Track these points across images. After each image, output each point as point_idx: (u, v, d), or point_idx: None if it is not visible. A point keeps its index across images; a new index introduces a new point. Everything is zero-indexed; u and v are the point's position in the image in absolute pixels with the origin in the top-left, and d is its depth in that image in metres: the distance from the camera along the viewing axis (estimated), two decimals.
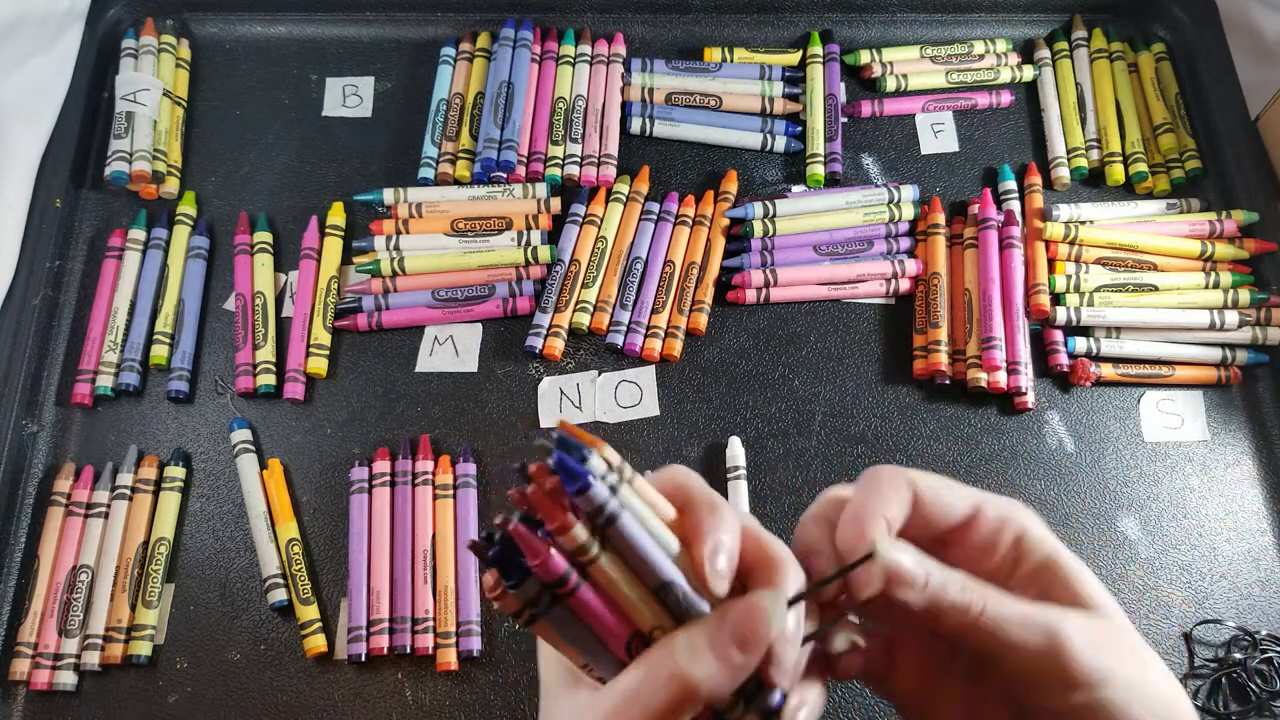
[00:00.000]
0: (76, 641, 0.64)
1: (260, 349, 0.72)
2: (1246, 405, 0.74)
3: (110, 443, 0.70)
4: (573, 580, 0.29)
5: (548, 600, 0.29)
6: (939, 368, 0.72)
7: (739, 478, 0.69)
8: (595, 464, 0.29)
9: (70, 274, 0.75)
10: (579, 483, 0.28)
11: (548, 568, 0.29)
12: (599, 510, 0.29)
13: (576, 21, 0.86)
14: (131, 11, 0.84)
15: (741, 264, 0.76)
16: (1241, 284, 0.75)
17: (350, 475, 0.68)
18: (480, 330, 0.74)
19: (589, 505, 0.29)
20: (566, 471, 0.28)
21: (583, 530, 0.29)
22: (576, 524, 0.29)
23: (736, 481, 0.69)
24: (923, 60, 0.84)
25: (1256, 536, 0.70)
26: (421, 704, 0.63)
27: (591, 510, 0.29)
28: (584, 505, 0.29)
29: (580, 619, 0.30)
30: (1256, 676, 0.64)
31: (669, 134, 0.82)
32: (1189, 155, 0.80)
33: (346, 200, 0.78)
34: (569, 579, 0.29)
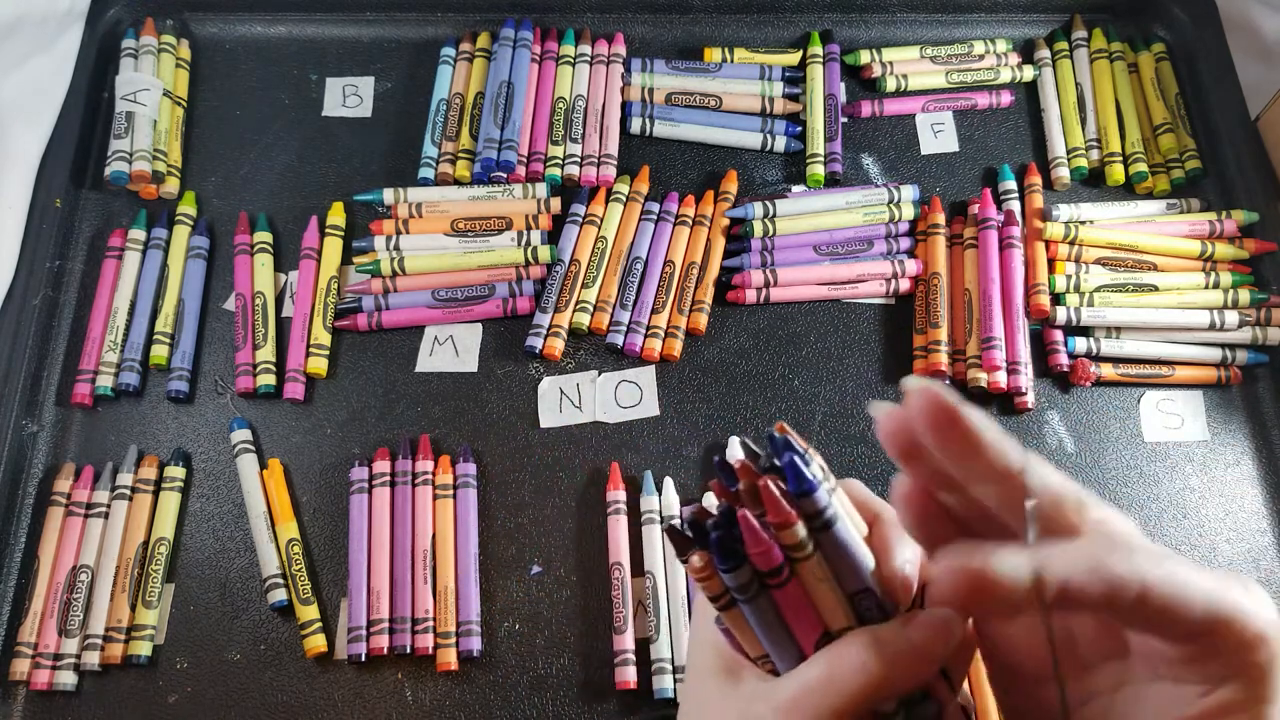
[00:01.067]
0: (76, 641, 0.64)
1: (260, 349, 0.72)
2: (1246, 405, 0.74)
3: (110, 443, 0.70)
4: (785, 574, 0.30)
5: (755, 589, 0.30)
6: (939, 368, 0.72)
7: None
8: (815, 470, 0.30)
9: (70, 274, 0.75)
10: (805, 485, 0.29)
11: (768, 557, 0.30)
12: (819, 514, 0.30)
13: (576, 21, 0.86)
14: (131, 11, 0.84)
15: (741, 264, 0.76)
16: (1241, 284, 0.75)
17: (350, 475, 0.68)
18: (480, 330, 0.74)
19: (811, 508, 0.30)
20: (796, 473, 0.29)
21: (802, 529, 0.30)
22: (798, 522, 0.30)
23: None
24: (923, 60, 0.84)
25: (1256, 536, 0.70)
26: (421, 704, 0.63)
27: (813, 513, 0.30)
28: (807, 508, 0.30)
29: (777, 612, 0.31)
30: None
31: (669, 134, 0.82)
32: (1189, 155, 0.80)
33: (346, 200, 0.78)
34: (782, 571, 0.30)
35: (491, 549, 0.67)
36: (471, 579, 0.66)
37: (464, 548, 0.66)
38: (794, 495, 0.30)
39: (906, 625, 0.30)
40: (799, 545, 0.30)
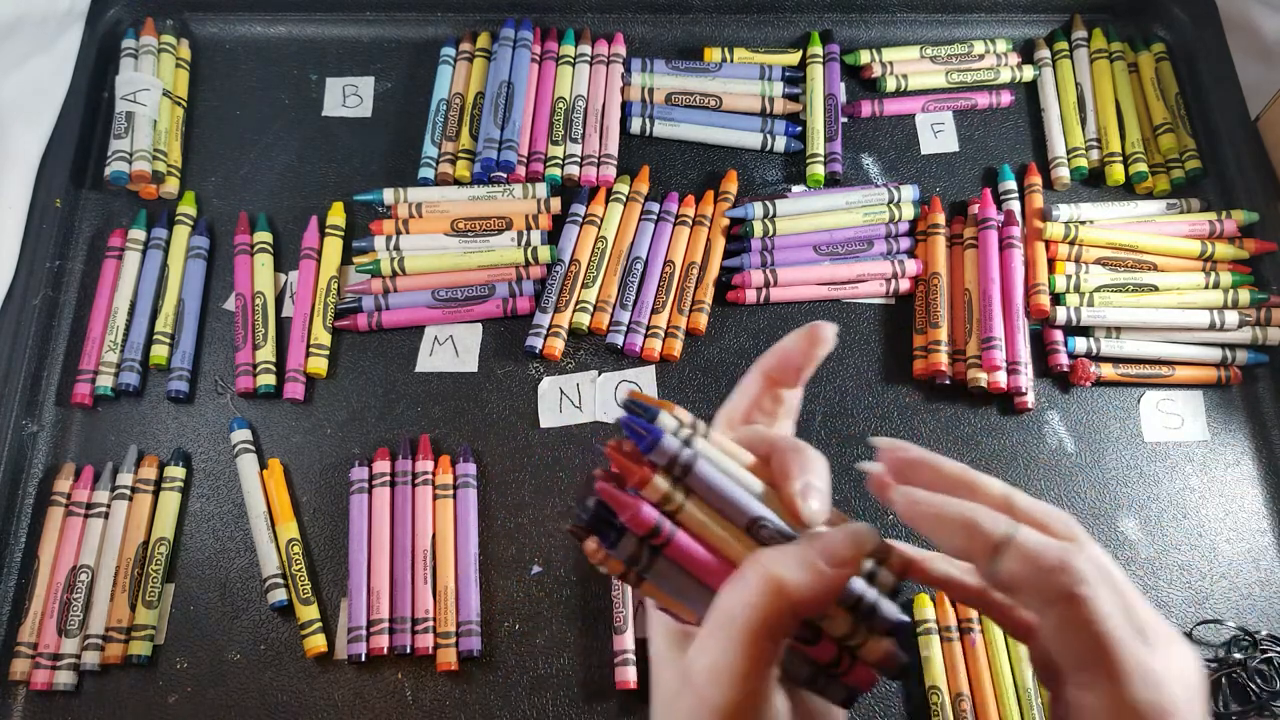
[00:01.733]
0: (76, 641, 0.64)
1: (260, 349, 0.72)
2: (1246, 405, 0.74)
3: (110, 443, 0.70)
4: (665, 528, 0.30)
5: (647, 554, 0.30)
6: (939, 368, 0.72)
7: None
8: (665, 421, 0.31)
9: (70, 274, 0.75)
10: (648, 437, 0.30)
11: (638, 518, 0.30)
12: (674, 460, 0.30)
13: (576, 21, 0.86)
14: (131, 11, 0.84)
15: (741, 264, 0.76)
16: (1241, 284, 0.75)
17: (350, 475, 0.68)
18: (480, 330, 0.74)
19: (663, 458, 0.30)
20: (633, 430, 0.30)
21: (663, 480, 0.30)
22: (655, 475, 0.30)
23: None
24: (923, 60, 0.84)
25: (1256, 536, 0.70)
26: (421, 704, 0.63)
27: (667, 462, 0.30)
28: (659, 459, 0.30)
29: (682, 568, 0.31)
30: (1256, 676, 0.64)
31: (669, 134, 0.82)
32: (1189, 155, 0.80)
33: (346, 200, 0.78)
34: (661, 528, 0.30)
35: (491, 549, 0.67)
36: (471, 579, 0.66)
37: (464, 548, 0.66)
38: (644, 451, 0.30)
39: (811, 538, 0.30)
40: (666, 497, 0.30)
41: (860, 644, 0.32)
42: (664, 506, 0.30)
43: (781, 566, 0.29)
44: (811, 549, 0.30)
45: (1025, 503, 0.33)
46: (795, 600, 0.29)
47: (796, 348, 0.36)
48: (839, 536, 0.30)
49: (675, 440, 0.31)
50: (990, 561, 0.31)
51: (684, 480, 0.31)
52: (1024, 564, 0.30)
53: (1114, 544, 0.69)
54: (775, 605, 0.29)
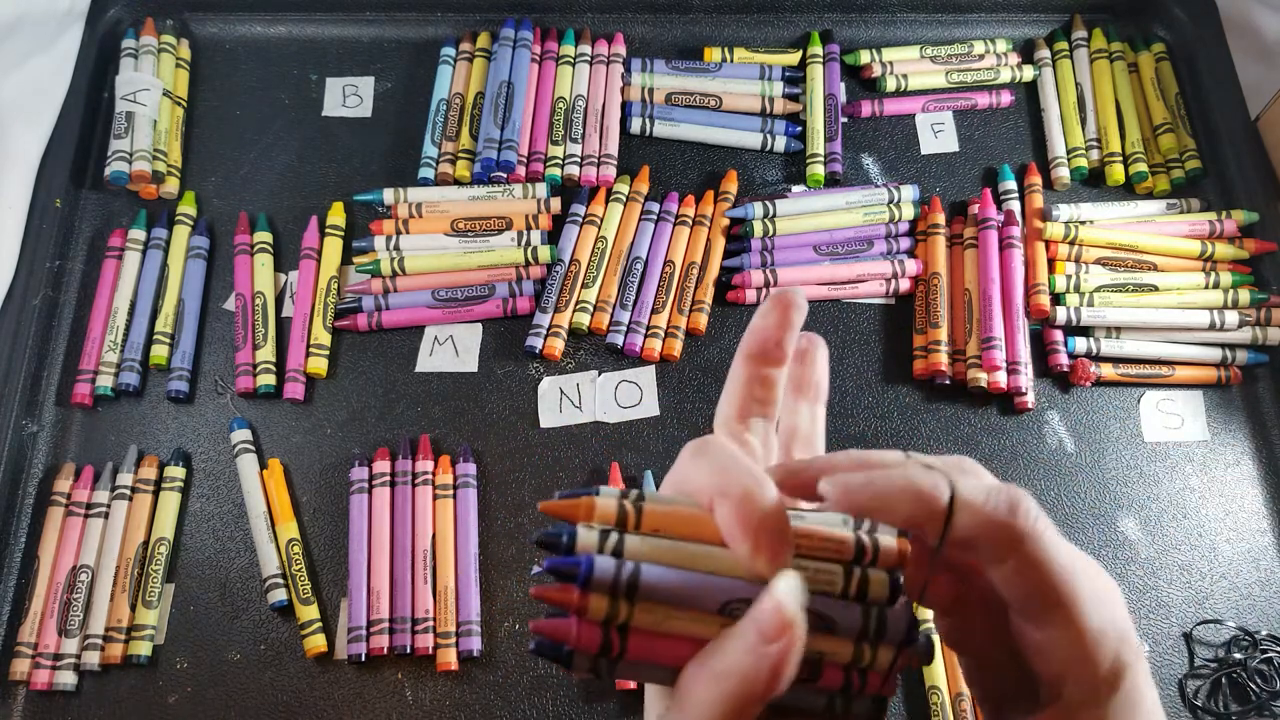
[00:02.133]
0: (76, 641, 0.64)
1: (260, 349, 0.72)
2: (1246, 405, 0.74)
3: (110, 443, 0.70)
4: (616, 643, 0.29)
5: (606, 663, 0.30)
6: (939, 368, 0.72)
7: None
8: (584, 537, 0.29)
9: (70, 274, 0.75)
10: (580, 574, 0.28)
11: (584, 643, 0.29)
12: (614, 584, 0.29)
13: (576, 21, 0.86)
14: (131, 11, 0.84)
15: (741, 264, 0.76)
16: (1241, 284, 0.75)
17: (350, 475, 0.68)
18: (480, 330, 0.74)
19: (603, 586, 0.29)
20: (560, 574, 0.28)
21: (600, 602, 0.29)
22: (590, 599, 0.29)
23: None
24: (923, 60, 0.84)
25: (1256, 536, 0.70)
26: (421, 704, 0.63)
27: (607, 588, 0.29)
28: (599, 588, 0.29)
29: (650, 662, 0.30)
30: (1256, 676, 0.64)
31: (669, 134, 0.82)
32: (1189, 155, 0.80)
33: (346, 200, 0.78)
34: (612, 643, 0.29)
35: (491, 549, 0.67)
36: (471, 579, 0.66)
37: (464, 548, 0.66)
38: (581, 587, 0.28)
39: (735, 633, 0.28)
40: (610, 616, 0.29)
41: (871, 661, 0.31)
42: (613, 623, 0.29)
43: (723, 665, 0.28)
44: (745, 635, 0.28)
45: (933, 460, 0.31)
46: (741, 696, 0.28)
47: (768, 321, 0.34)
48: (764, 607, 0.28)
49: (607, 562, 0.29)
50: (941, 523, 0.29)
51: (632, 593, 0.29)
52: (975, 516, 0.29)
53: (1114, 544, 0.69)
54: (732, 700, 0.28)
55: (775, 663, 0.27)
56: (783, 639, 0.27)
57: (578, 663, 0.29)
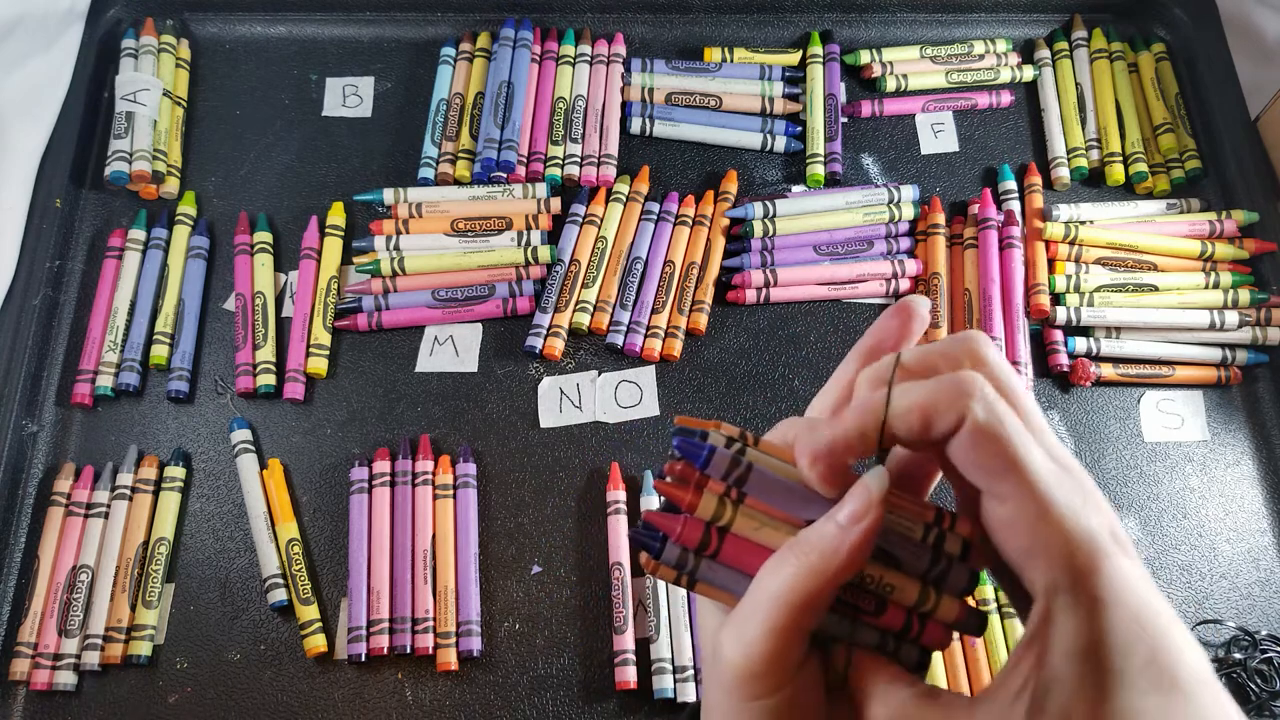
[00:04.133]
0: (76, 641, 0.64)
1: (260, 349, 0.72)
2: (1246, 405, 0.74)
3: (110, 443, 0.70)
4: (714, 541, 0.32)
5: (694, 562, 0.32)
6: None
7: None
8: (715, 439, 0.32)
9: (70, 274, 0.75)
10: (703, 454, 0.32)
11: (686, 537, 0.32)
12: (728, 472, 0.32)
13: (576, 21, 0.86)
14: (131, 11, 0.84)
15: (741, 264, 0.76)
16: (1241, 284, 0.75)
17: (350, 475, 0.68)
18: (480, 330, 0.74)
19: (719, 471, 0.32)
20: (689, 450, 0.32)
21: (710, 498, 0.32)
22: (705, 494, 0.32)
23: None
24: (923, 60, 0.84)
25: (1256, 536, 0.70)
26: (421, 704, 0.63)
27: (723, 473, 0.32)
28: (715, 472, 0.32)
29: (734, 569, 0.32)
30: (1256, 676, 0.64)
31: (669, 134, 0.82)
32: (1189, 155, 0.80)
33: (346, 200, 0.78)
34: (709, 540, 0.32)
35: (491, 549, 0.68)
36: (471, 579, 0.66)
37: (464, 548, 0.66)
38: (700, 467, 0.32)
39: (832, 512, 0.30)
40: (716, 512, 0.32)
41: (932, 609, 0.32)
42: (716, 523, 0.32)
43: (808, 537, 0.30)
44: (832, 516, 0.30)
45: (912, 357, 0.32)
46: (827, 570, 0.29)
47: (889, 324, 0.35)
48: (852, 490, 0.30)
49: (727, 454, 0.32)
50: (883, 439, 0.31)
51: (740, 490, 0.32)
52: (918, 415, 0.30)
53: None
54: (807, 575, 0.29)
55: (857, 540, 0.29)
56: (866, 519, 0.29)
57: (668, 554, 0.32)
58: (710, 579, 0.33)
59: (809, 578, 0.29)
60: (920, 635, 0.32)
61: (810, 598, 0.29)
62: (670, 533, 0.32)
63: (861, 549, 0.29)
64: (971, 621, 0.33)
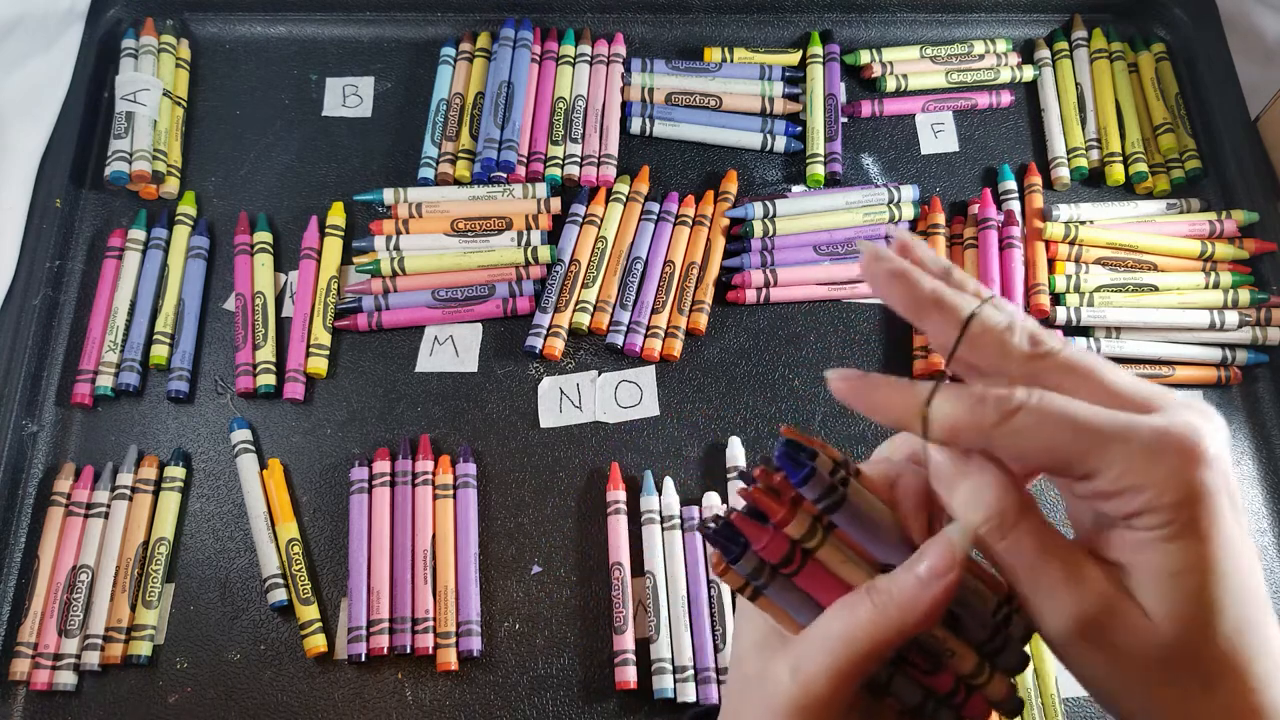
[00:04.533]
0: (76, 641, 0.63)
1: (260, 349, 0.72)
2: (1246, 405, 0.74)
3: (110, 443, 0.70)
4: (797, 560, 0.31)
5: (768, 576, 0.31)
6: (939, 367, 0.72)
7: (739, 478, 0.69)
8: (822, 460, 0.31)
9: (70, 274, 0.75)
10: (803, 471, 0.31)
11: (773, 550, 0.31)
12: (822, 497, 0.31)
13: (576, 21, 0.86)
14: (131, 11, 0.84)
15: (741, 264, 0.76)
16: (1241, 284, 0.75)
17: (350, 475, 0.68)
18: (480, 330, 0.74)
19: (814, 493, 0.31)
20: (790, 463, 0.31)
21: (803, 521, 0.31)
22: (796, 517, 0.31)
23: (736, 482, 0.69)
24: (923, 60, 0.84)
25: (1256, 536, 0.70)
26: (421, 704, 0.63)
27: (816, 497, 0.31)
28: (809, 494, 0.31)
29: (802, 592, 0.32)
30: None
31: (669, 134, 0.82)
32: (1189, 155, 0.80)
33: (346, 200, 0.78)
34: (793, 559, 0.31)
35: (491, 549, 0.68)
36: (471, 579, 0.66)
37: (464, 548, 0.66)
38: (797, 485, 0.31)
39: (911, 562, 0.30)
40: (807, 534, 0.31)
41: (984, 683, 0.32)
42: (803, 544, 0.31)
43: (886, 584, 0.30)
44: (912, 566, 0.30)
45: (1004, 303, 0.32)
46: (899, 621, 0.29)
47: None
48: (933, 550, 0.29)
49: (826, 478, 0.31)
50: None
51: (829, 517, 0.31)
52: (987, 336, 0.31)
53: None
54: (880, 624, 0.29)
55: (936, 597, 0.29)
56: (947, 576, 0.29)
57: (744, 562, 0.31)
58: (776, 597, 0.32)
59: (881, 627, 0.29)
60: (964, 705, 0.32)
61: (878, 647, 0.29)
62: (755, 541, 0.31)
63: (938, 606, 0.29)
64: (1013, 704, 0.32)
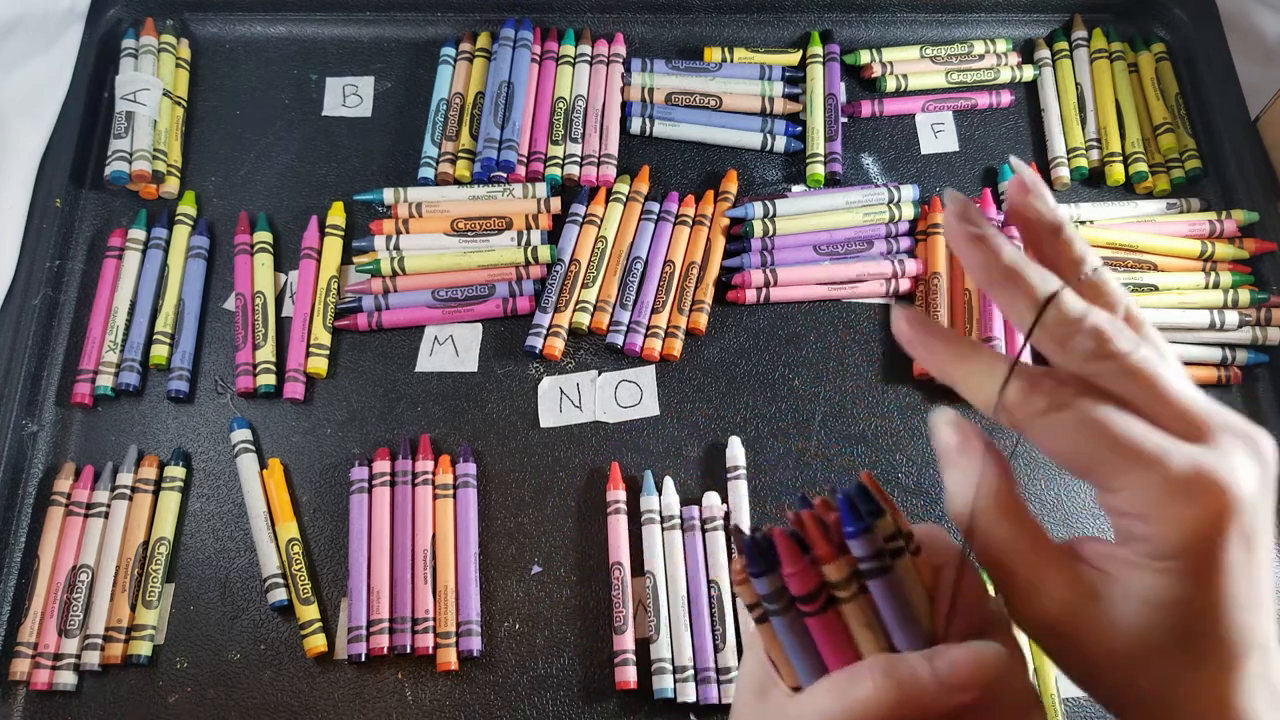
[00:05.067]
0: (76, 641, 0.64)
1: (260, 349, 0.72)
2: (1246, 405, 0.74)
3: (110, 443, 0.70)
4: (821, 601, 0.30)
5: (784, 604, 0.30)
6: None
7: (739, 478, 0.69)
8: (883, 524, 0.30)
9: (70, 274, 0.75)
10: (859, 526, 0.29)
11: (801, 580, 0.30)
12: (865, 558, 0.29)
13: (576, 21, 0.86)
14: (131, 11, 0.84)
15: (741, 264, 0.76)
16: (1241, 284, 0.75)
17: (350, 475, 0.68)
18: (480, 330, 0.74)
19: (859, 550, 0.29)
20: (851, 512, 0.29)
21: (841, 569, 0.30)
22: (836, 561, 0.30)
23: (736, 481, 0.69)
24: (923, 60, 0.84)
25: None
26: (421, 704, 0.63)
27: (860, 557, 0.30)
28: (856, 549, 0.29)
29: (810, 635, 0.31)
30: None
31: (669, 134, 0.82)
32: (1189, 155, 0.80)
33: (346, 200, 0.78)
34: (818, 598, 0.30)
35: (491, 549, 0.68)
36: (471, 579, 0.66)
37: (464, 548, 0.66)
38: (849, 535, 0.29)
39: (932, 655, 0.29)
40: (840, 583, 0.30)
41: None
42: (832, 589, 0.30)
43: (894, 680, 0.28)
44: (932, 662, 0.28)
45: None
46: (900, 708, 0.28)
47: None
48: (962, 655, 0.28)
49: (878, 543, 0.30)
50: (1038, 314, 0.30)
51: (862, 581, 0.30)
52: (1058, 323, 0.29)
53: None
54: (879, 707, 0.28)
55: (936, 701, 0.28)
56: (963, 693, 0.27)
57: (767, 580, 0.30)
58: (780, 631, 0.31)
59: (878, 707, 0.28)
60: None
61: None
62: (787, 565, 0.30)
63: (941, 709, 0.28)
64: None
